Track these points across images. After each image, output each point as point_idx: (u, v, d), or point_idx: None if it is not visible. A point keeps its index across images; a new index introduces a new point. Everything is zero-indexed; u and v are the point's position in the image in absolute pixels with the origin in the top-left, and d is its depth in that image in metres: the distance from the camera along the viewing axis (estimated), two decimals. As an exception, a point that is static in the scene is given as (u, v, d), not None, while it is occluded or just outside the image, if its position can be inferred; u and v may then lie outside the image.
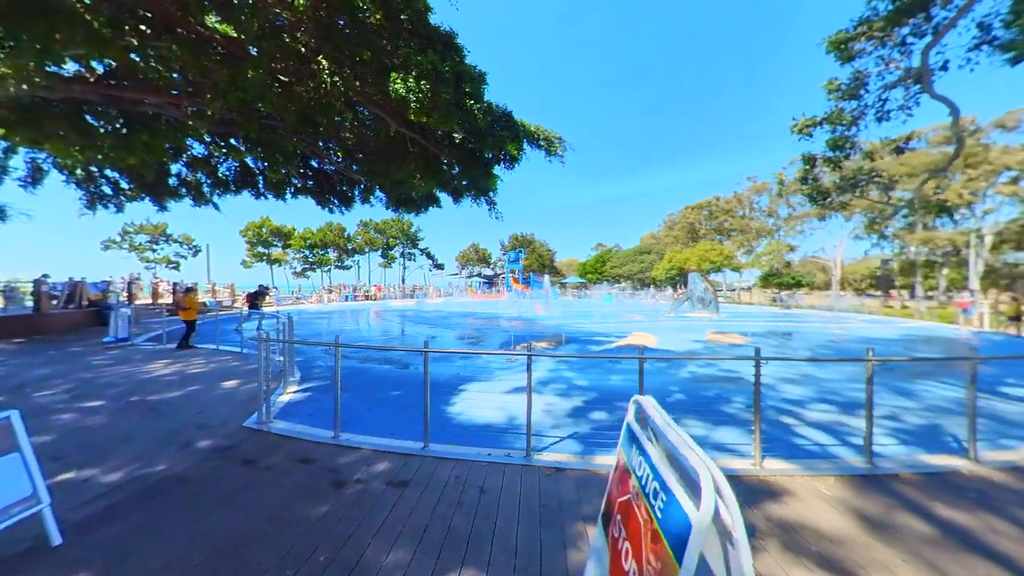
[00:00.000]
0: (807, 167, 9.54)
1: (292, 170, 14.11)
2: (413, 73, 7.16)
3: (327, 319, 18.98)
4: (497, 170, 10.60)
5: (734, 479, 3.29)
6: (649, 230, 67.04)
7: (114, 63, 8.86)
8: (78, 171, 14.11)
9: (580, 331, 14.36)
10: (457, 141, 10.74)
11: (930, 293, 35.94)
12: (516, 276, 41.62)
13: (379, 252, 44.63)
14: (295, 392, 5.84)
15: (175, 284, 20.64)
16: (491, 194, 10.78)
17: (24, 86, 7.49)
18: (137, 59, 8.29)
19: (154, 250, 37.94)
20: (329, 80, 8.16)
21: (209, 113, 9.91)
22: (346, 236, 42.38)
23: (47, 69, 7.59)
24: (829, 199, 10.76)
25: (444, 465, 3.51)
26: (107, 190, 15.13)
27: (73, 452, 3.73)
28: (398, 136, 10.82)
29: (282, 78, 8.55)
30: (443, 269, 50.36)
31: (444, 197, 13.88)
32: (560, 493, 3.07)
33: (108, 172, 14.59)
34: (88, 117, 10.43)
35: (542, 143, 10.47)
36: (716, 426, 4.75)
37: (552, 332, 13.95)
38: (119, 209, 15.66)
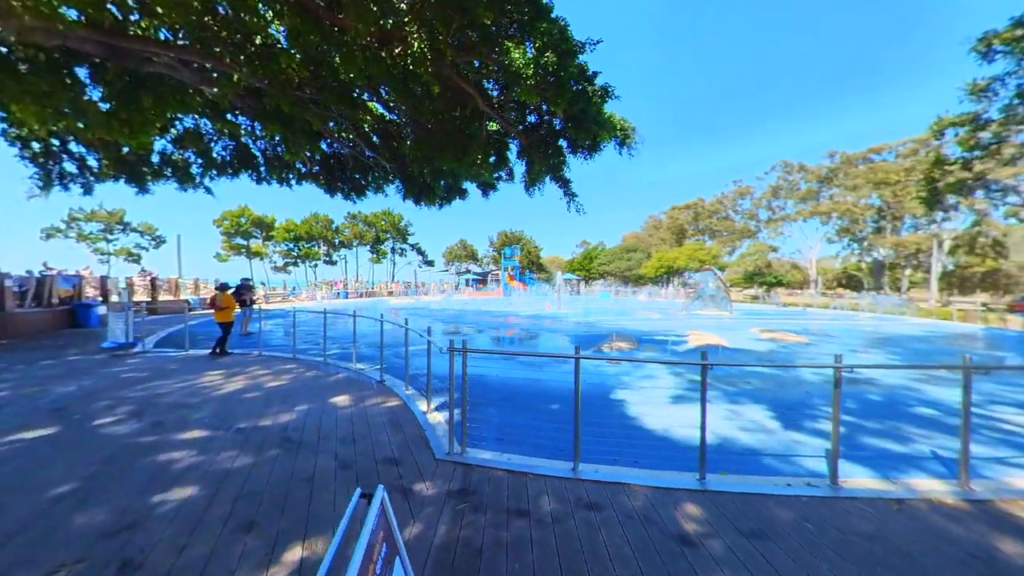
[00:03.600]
0: (938, 168, 9.60)
1: (314, 151, 12.61)
2: (537, 43, 6.28)
3: (349, 319, 17.28)
4: (572, 160, 9.87)
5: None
6: (631, 229, 68.53)
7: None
8: (34, 144, 11.82)
9: (633, 331, 13.96)
10: (531, 125, 9.93)
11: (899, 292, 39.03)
12: (512, 273, 40.89)
13: (368, 247, 42.03)
14: (435, 410, 4.87)
15: (154, 279, 18.13)
16: (569, 185, 10.03)
17: (39, 25, 5.89)
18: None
19: (109, 240, 33.24)
20: (418, 46, 7.07)
21: (235, 79, 8.45)
22: (333, 229, 39.43)
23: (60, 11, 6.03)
24: (943, 202, 10.98)
25: (757, 504, 2.84)
26: (71, 168, 12.84)
27: (268, 514, 2.69)
28: (463, 117, 9.84)
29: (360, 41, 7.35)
30: (432, 265, 48.60)
31: (471, 188, 12.95)
32: (949, 536, 2.50)
33: (72, 146, 12.35)
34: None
35: (617, 132, 9.86)
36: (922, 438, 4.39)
37: (612, 332, 13.45)
38: (86, 191, 13.33)
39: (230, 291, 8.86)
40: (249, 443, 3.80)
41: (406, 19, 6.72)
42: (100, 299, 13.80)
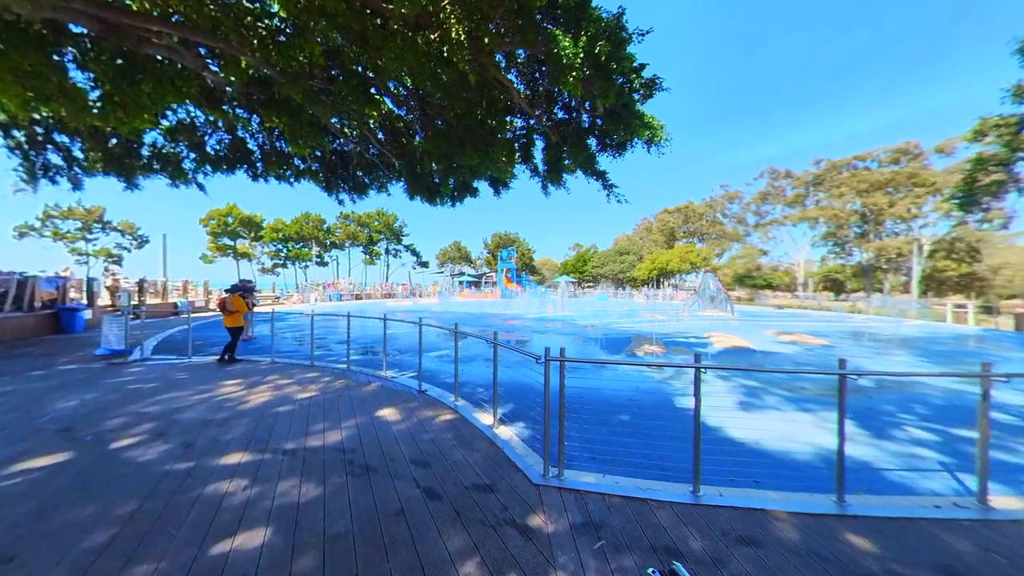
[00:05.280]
0: (977, 170, 9.66)
1: (320, 146, 11.94)
2: (588, 31, 5.93)
3: (344, 321, 16.54)
4: (601, 158, 9.59)
5: None
6: (623, 231, 69.10)
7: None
8: (16, 132, 10.86)
9: (649, 333, 13.75)
10: (560, 120, 9.61)
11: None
12: (509, 275, 40.51)
13: (361, 248, 40.83)
14: (500, 423, 4.43)
15: (141, 281, 17.02)
16: (605, 177, 9.71)
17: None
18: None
19: (87, 239, 31.16)
20: (455, 31, 6.63)
21: (242, 65, 7.86)
22: (325, 229, 38.09)
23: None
24: (977, 206, 11.08)
25: (918, 531, 2.54)
26: (57, 159, 11.86)
27: (371, 563, 2.23)
28: (489, 112, 9.44)
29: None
30: (427, 267, 47.72)
31: (482, 186, 12.59)
32: None
33: (58, 136, 11.41)
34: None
35: (648, 131, 9.63)
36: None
37: (633, 335, 13.20)
38: (76, 186, 12.36)
39: (241, 294, 8.19)
40: (308, 468, 3.30)
41: (445, 2, 6.27)
42: (85, 302, 12.78)
